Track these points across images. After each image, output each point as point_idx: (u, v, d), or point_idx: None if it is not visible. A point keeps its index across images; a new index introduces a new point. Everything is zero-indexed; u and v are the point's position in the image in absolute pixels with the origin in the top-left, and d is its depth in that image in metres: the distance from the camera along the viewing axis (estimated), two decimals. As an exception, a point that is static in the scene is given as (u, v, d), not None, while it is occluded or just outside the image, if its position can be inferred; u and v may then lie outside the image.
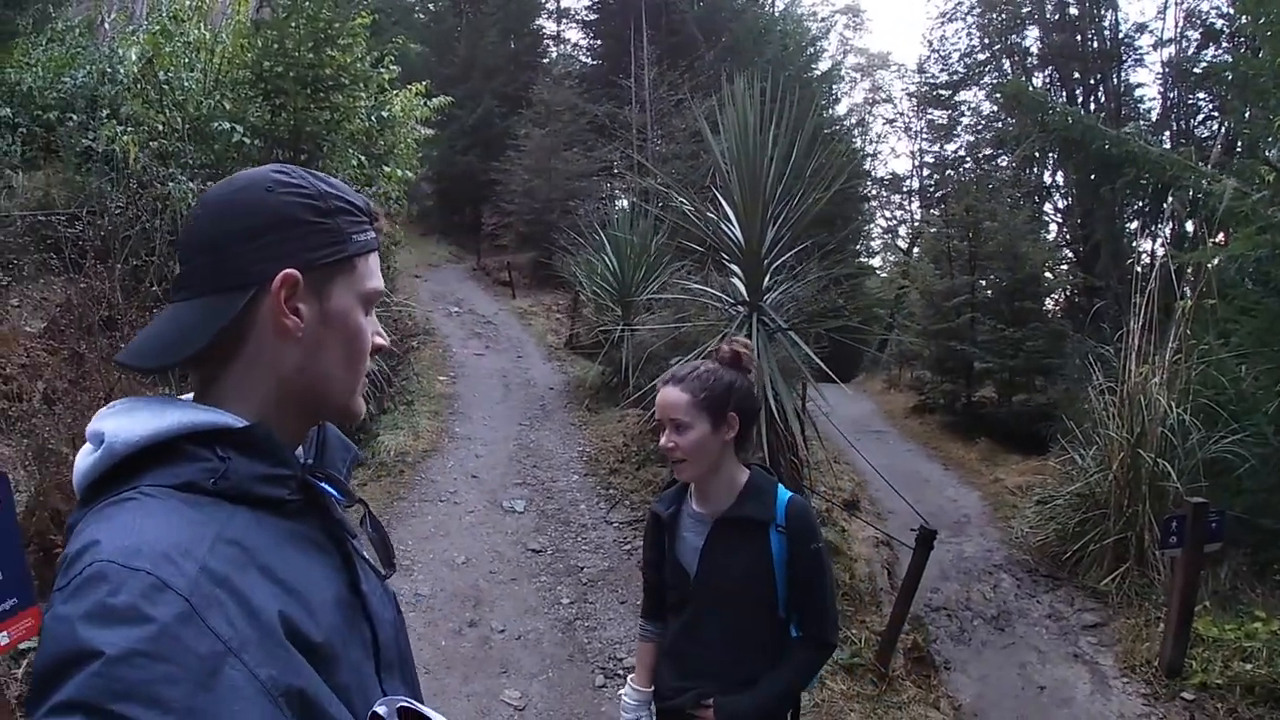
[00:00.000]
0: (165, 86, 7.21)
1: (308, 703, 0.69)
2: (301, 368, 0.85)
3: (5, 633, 2.03)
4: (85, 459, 0.77)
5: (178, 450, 0.76)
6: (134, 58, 8.15)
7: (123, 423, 0.76)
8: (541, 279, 15.74)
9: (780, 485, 1.93)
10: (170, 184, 6.47)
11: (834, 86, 23.05)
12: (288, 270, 0.81)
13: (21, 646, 2.26)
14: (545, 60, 22.84)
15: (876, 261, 25.96)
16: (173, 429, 0.76)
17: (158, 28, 7.35)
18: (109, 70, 8.79)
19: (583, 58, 23.49)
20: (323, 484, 0.85)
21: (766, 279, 5.20)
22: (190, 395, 0.87)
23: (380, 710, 0.81)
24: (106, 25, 12.91)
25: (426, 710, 0.84)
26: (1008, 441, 9.78)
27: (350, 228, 0.88)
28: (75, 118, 7.79)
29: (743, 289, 5.24)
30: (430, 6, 22.89)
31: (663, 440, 1.86)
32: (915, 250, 21.38)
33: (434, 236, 19.65)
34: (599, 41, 22.62)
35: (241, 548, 0.71)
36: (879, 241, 27.84)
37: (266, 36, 7.11)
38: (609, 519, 6.17)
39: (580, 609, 4.85)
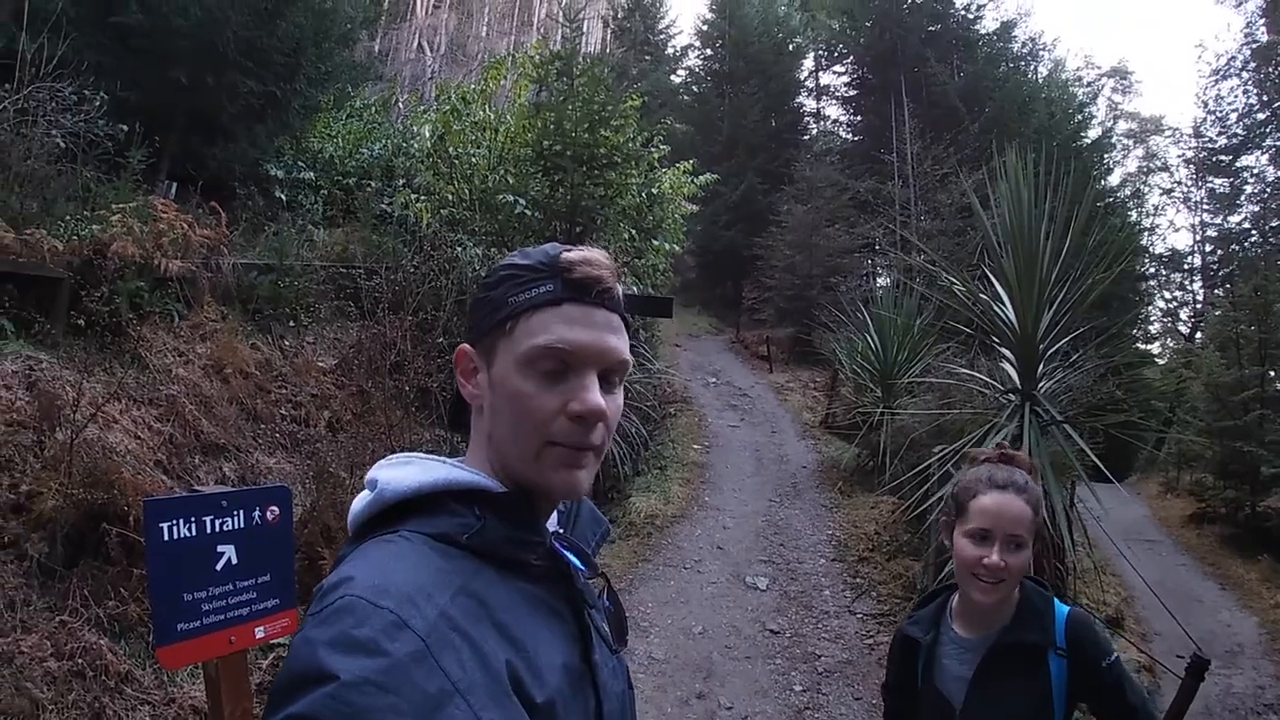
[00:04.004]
0: (455, 160, 8.05)
1: None
2: (489, 434, 0.90)
3: (263, 627, 2.24)
4: (360, 502, 0.88)
5: (441, 504, 0.84)
6: (427, 134, 9.23)
7: (395, 473, 0.86)
8: (799, 355, 15.72)
9: (1056, 600, 1.70)
10: (458, 248, 7.18)
11: (1105, 155, 20.94)
12: (461, 346, 0.93)
13: (272, 642, 2.49)
14: (805, 137, 23.10)
15: (1155, 348, 23.28)
16: (436, 484, 0.84)
17: (448, 108, 8.26)
18: (403, 144, 10.00)
19: (843, 133, 23.57)
20: (569, 554, 0.90)
21: (1040, 365, 4.80)
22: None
23: None
24: (400, 105, 14.76)
25: None
26: (1295, 561, 8.39)
27: (511, 291, 0.88)
28: (373, 184, 8.90)
29: (1014, 375, 4.86)
30: (695, 89, 23.84)
31: (992, 558, 1.61)
32: (1198, 336, 19.29)
33: (695, 308, 20.26)
34: (859, 117, 22.62)
35: (480, 601, 0.76)
36: (1157, 325, 25.00)
37: (545, 118, 7.77)
38: (853, 609, 5.89)
39: (812, 698, 4.62)
